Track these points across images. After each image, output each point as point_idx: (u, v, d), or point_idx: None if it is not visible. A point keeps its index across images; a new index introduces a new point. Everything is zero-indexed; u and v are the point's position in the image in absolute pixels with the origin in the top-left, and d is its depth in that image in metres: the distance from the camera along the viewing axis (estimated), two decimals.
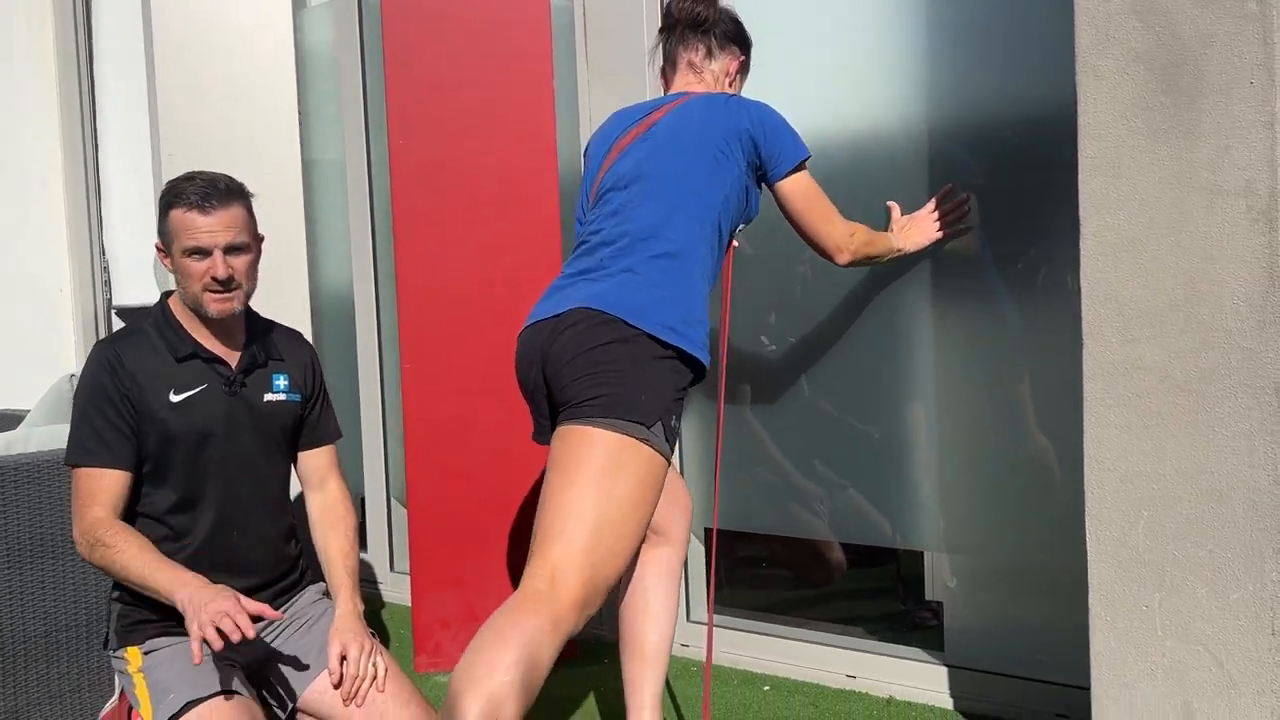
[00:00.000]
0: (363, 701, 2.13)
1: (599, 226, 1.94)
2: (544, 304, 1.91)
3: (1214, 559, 1.74)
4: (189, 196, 2.03)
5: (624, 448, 1.68)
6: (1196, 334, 1.74)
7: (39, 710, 2.47)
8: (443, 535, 2.84)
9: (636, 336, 1.76)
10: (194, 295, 2.08)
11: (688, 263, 1.86)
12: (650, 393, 1.73)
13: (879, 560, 2.87)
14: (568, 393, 1.76)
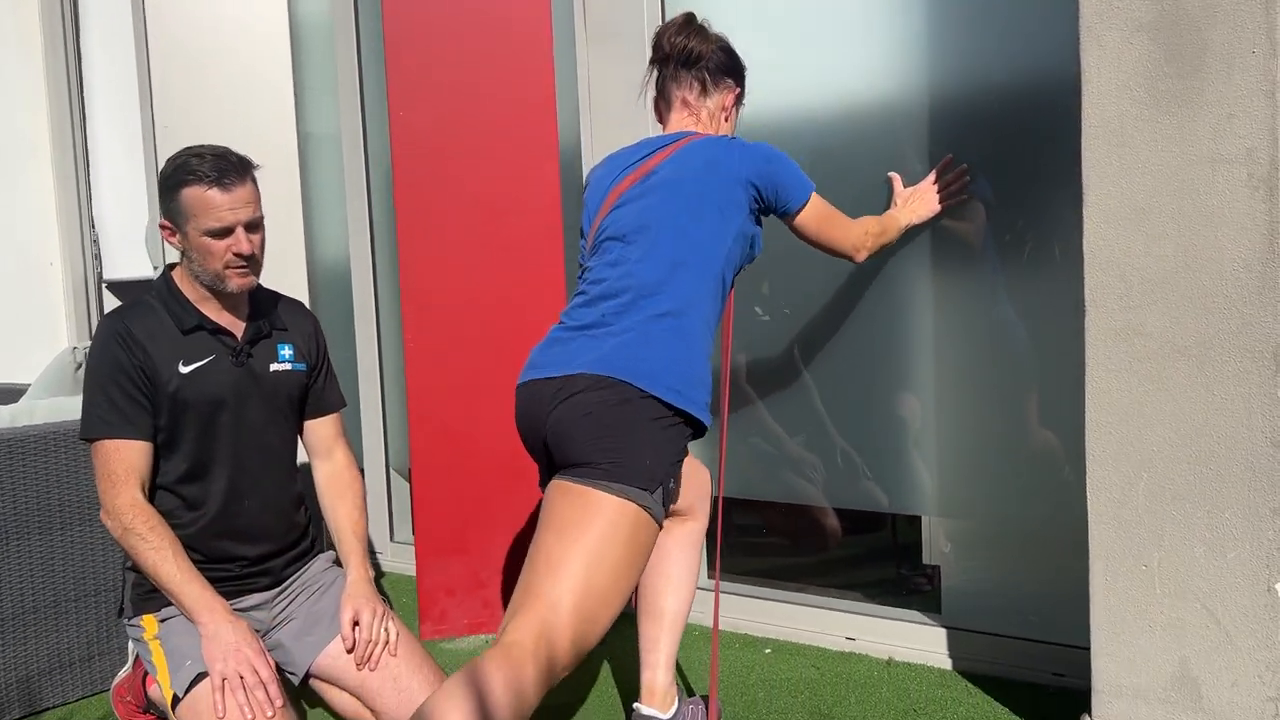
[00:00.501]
0: (375, 665, 2.16)
1: (600, 276, 1.91)
2: (545, 355, 1.89)
3: (1212, 519, 1.79)
4: (205, 174, 2.01)
5: (623, 513, 1.69)
6: (1197, 300, 1.78)
7: (50, 679, 2.49)
8: (446, 504, 2.86)
9: (642, 399, 1.76)
10: (215, 273, 2.07)
11: (690, 320, 1.84)
12: (653, 458, 1.74)
13: (876, 526, 2.92)
14: (572, 455, 1.75)
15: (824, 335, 2.64)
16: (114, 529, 2.04)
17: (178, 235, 2.08)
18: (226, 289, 2.09)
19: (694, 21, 2.07)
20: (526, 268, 2.84)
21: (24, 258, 4.57)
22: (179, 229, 2.06)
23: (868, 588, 2.76)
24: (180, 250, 2.10)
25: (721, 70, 2.08)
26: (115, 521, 2.04)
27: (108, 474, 2.04)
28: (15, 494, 2.42)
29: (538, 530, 1.73)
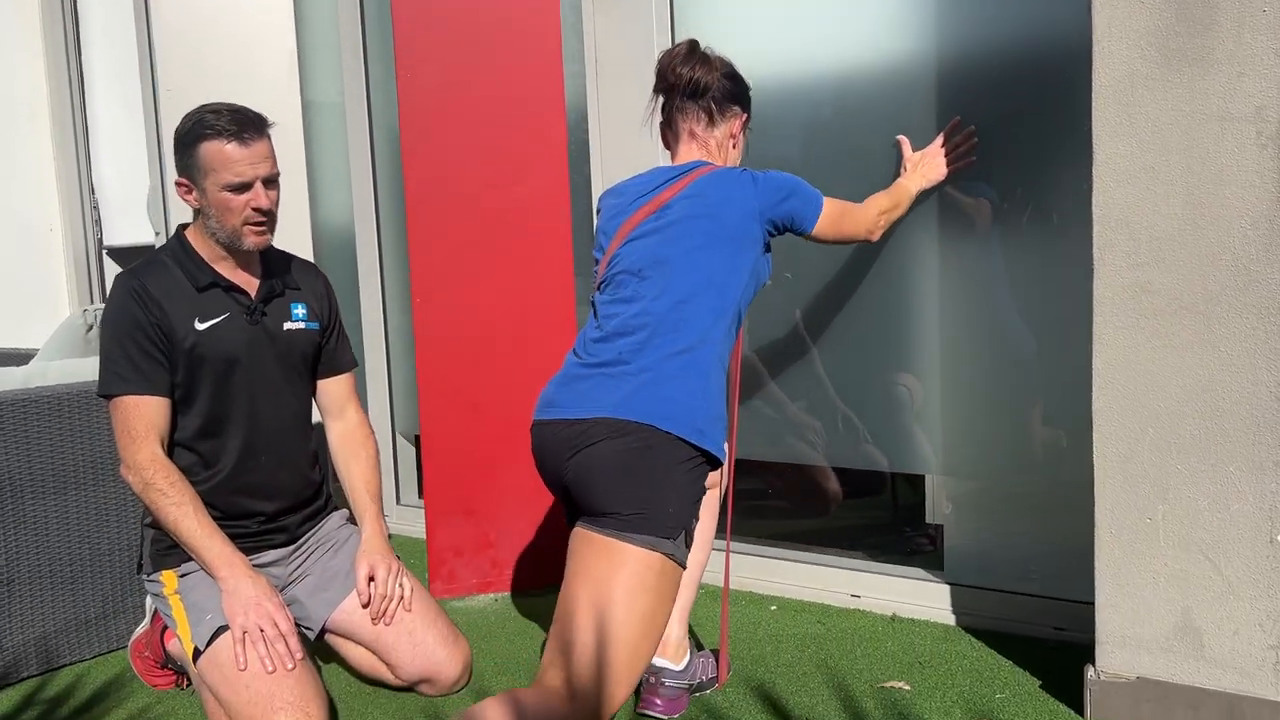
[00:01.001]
0: (391, 620, 2.20)
1: (614, 311, 1.92)
2: (561, 393, 1.89)
3: (1216, 472, 1.83)
4: (224, 129, 2.02)
5: (648, 564, 1.72)
6: (1204, 257, 1.81)
7: (68, 637, 2.52)
8: (455, 466, 2.89)
9: (666, 443, 1.77)
10: (232, 229, 2.08)
11: (705, 355, 1.86)
12: (675, 504, 1.76)
13: (879, 489, 2.95)
14: (596, 503, 1.77)
15: (828, 298, 2.66)
16: (135, 484, 2.07)
17: (195, 192, 2.08)
18: (243, 246, 2.11)
19: (697, 50, 2.07)
20: (534, 229, 2.85)
21: (24, 224, 4.56)
22: (196, 185, 2.07)
23: (871, 547, 2.80)
24: (196, 209, 2.11)
25: (728, 98, 2.09)
26: (136, 476, 2.06)
27: (127, 430, 2.06)
28: (30, 454, 2.44)
29: (566, 579, 1.75)
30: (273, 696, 1.94)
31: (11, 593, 2.42)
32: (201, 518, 2.06)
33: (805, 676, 2.25)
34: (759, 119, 2.33)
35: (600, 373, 1.85)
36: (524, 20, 2.81)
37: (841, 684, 2.20)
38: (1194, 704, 1.87)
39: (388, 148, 3.52)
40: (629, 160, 2.84)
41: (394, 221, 3.54)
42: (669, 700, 2.09)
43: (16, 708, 2.32)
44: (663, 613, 1.73)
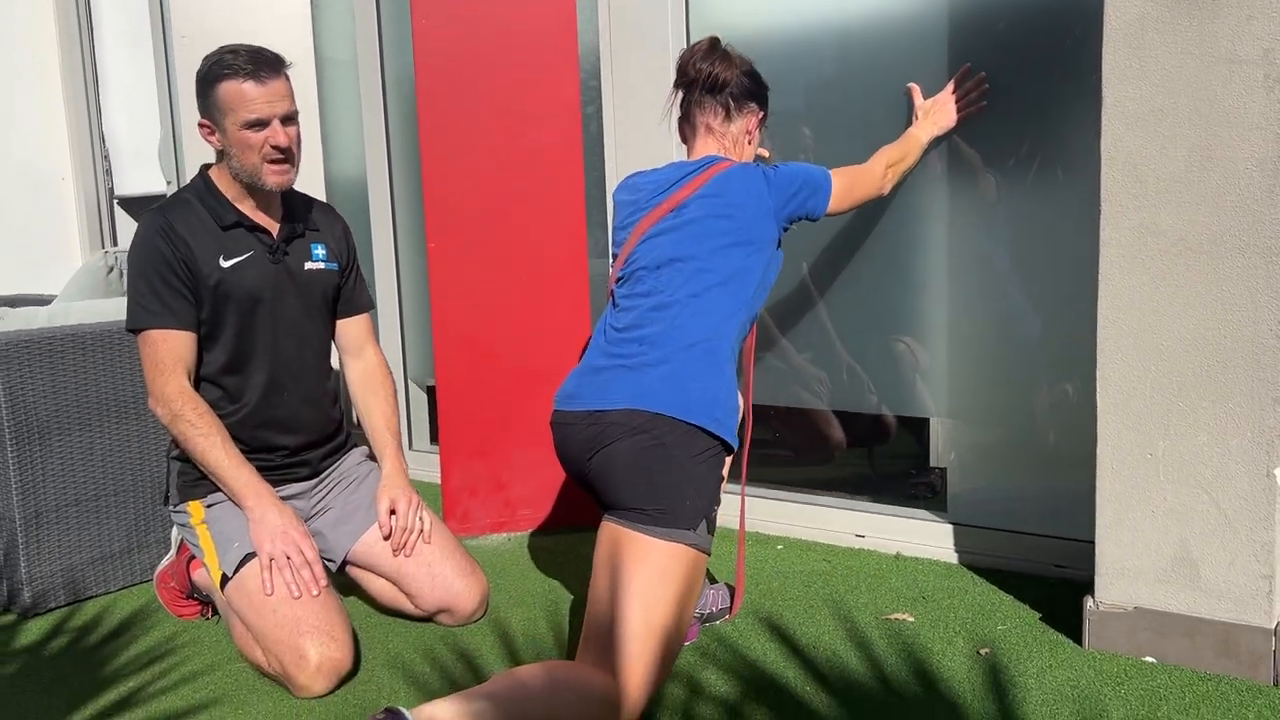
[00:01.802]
0: (411, 552, 2.26)
1: (633, 305, 1.96)
2: (581, 384, 1.93)
3: (1216, 408, 1.88)
4: (240, 69, 2.06)
5: (674, 555, 1.77)
6: (1210, 198, 1.85)
7: (94, 569, 2.59)
8: (469, 409, 2.95)
9: (684, 435, 1.82)
10: (253, 167, 2.12)
11: (721, 349, 1.90)
12: (694, 496, 1.80)
13: (883, 437, 3.00)
14: (620, 497, 1.81)
15: (835, 248, 2.70)
16: (164, 416, 2.12)
17: (216, 133, 2.12)
18: (264, 185, 2.15)
19: (719, 46, 2.09)
20: (546, 177, 2.89)
21: (36, 174, 4.59)
22: (217, 126, 2.11)
23: (876, 492, 2.86)
24: (219, 149, 2.15)
25: (746, 95, 2.11)
26: (165, 409, 2.12)
27: (155, 363, 2.11)
28: (56, 391, 2.49)
29: (595, 569, 1.81)
30: (299, 621, 2.01)
31: (39, 525, 2.48)
32: (229, 448, 2.11)
33: (811, 609, 2.32)
34: (772, 74, 2.35)
35: (620, 364, 1.90)
36: None
37: (847, 616, 2.27)
38: (1189, 632, 1.94)
39: (400, 95, 3.54)
40: (640, 105, 2.86)
41: (406, 170, 3.57)
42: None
43: (46, 635, 2.39)
44: (691, 598, 1.80)
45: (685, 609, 1.78)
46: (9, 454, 2.43)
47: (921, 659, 2.04)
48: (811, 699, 1.91)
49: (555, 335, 2.94)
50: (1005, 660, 2.02)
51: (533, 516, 3.01)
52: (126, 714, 1.98)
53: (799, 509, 2.85)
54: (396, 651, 2.20)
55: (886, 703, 1.88)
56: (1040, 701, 1.85)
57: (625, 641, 1.70)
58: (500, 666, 2.09)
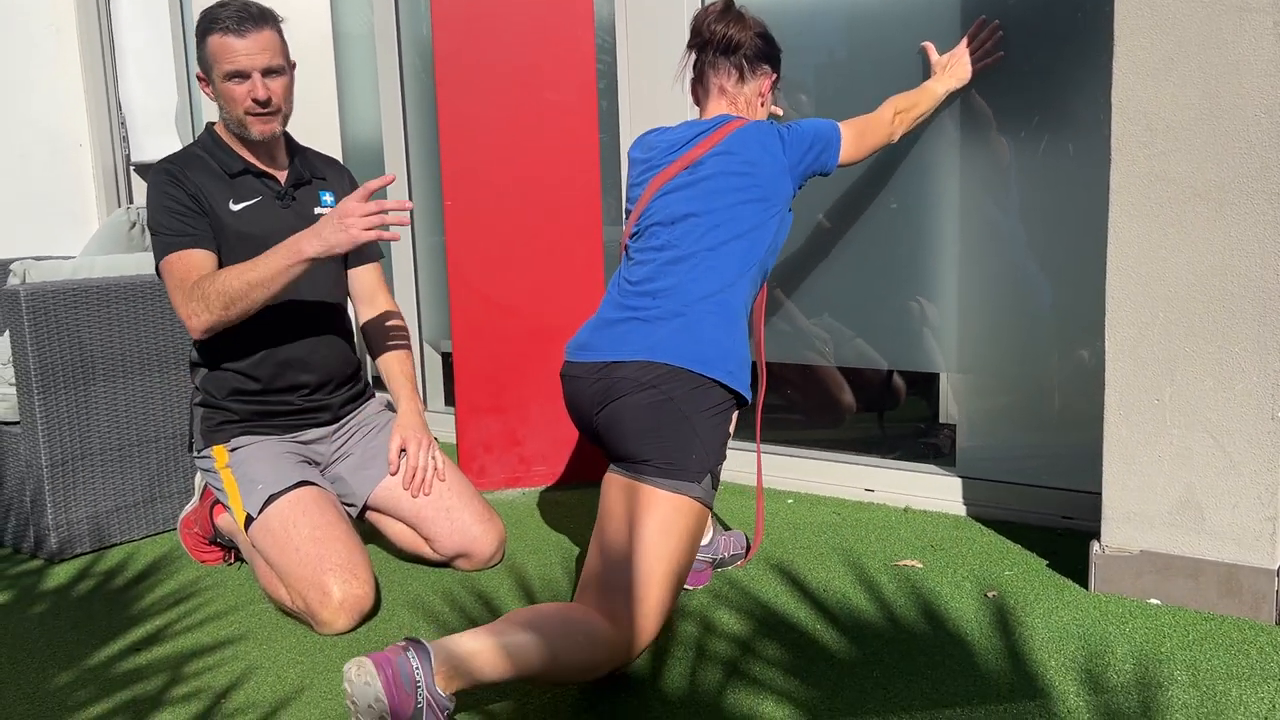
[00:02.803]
0: (428, 491, 2.31)
1: (647, 259, 1.98)
2: (593, 337, 1.94)
3: (1222, 353, 1.92)
4: (225, 22, 2.12)
5: (677, 506, 1.79)
6: (1219, 145, 1.88)
7: (118, 517, 2.64)
8: (484, 364, 2.99)
9: (697, 388, 1.83)
10: (238, 118, 2.19)
11: (734, 303, 1.92)
12: (700, 450, 1.83)
13: (893, 400, 3.04)
14: (627, 450, 1.84)
15: (845, 201, 2.73)
16: (198, 310, 2.11)
17: (209, 85, 2.19)
18: (250, 135, 2.20)
19: (733, 8, 2.11)
20: (561, 135, 2.92)
21: (55, 141, 4.63)
22: (208, 77, 2.19)
23: (886, 447, 2.90)
24: (215, 100, 2.21)
25: (759, 57, 2.13)
26: (186, 302, 2.12)
27: (178, 284, 2.15)
28: (81, 342, 2.54)
29: (599, 521, 1.84)
30: (322, 559, 2.06)
31: (65, 472, 2.54)
32: (248, 262, 2.11)
33: (822, 557, 2.37)
34: (784, 38, 2.37)
35: (633, 316, 1.92)
36: None
37: (857, 563, 2.31)
38: (1193, 573, 1.98)
39: (415, 67, 3.57)
40: (654, 65, 2.89)
41: (421, 139, 3.61)
42: (694, 573, 2.21)
43: (73, 579, 2.45)
44: (691, 549, 1.83)
45: (685, 561, 1.81)
46: (35, 401, 2.48)
47: (930, 601, 2.09)
48: (822, 635, 1.96)
49: (570, 291, 2.98)
50: (1012, 602, 2.06)
51: (547, 473, 3.06)
52: (155, 648, 2.04)
53: (809, 464, 2.89)
54: (416, 593, 2.25)
55: (895, 639, 1.93)
56: (1046, 639, 1.89)
57: (627, 590, 1.74)
58: (518, 608, 2.14)
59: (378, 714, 1.51)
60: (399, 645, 1.57)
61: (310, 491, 2.16)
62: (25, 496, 2.60)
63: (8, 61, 4.43)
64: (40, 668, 1.98)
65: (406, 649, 1.55)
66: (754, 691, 1.76)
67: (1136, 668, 1.77)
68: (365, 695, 1.52)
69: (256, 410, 2.27)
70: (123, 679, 1.91)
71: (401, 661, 1.53)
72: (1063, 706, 1.65)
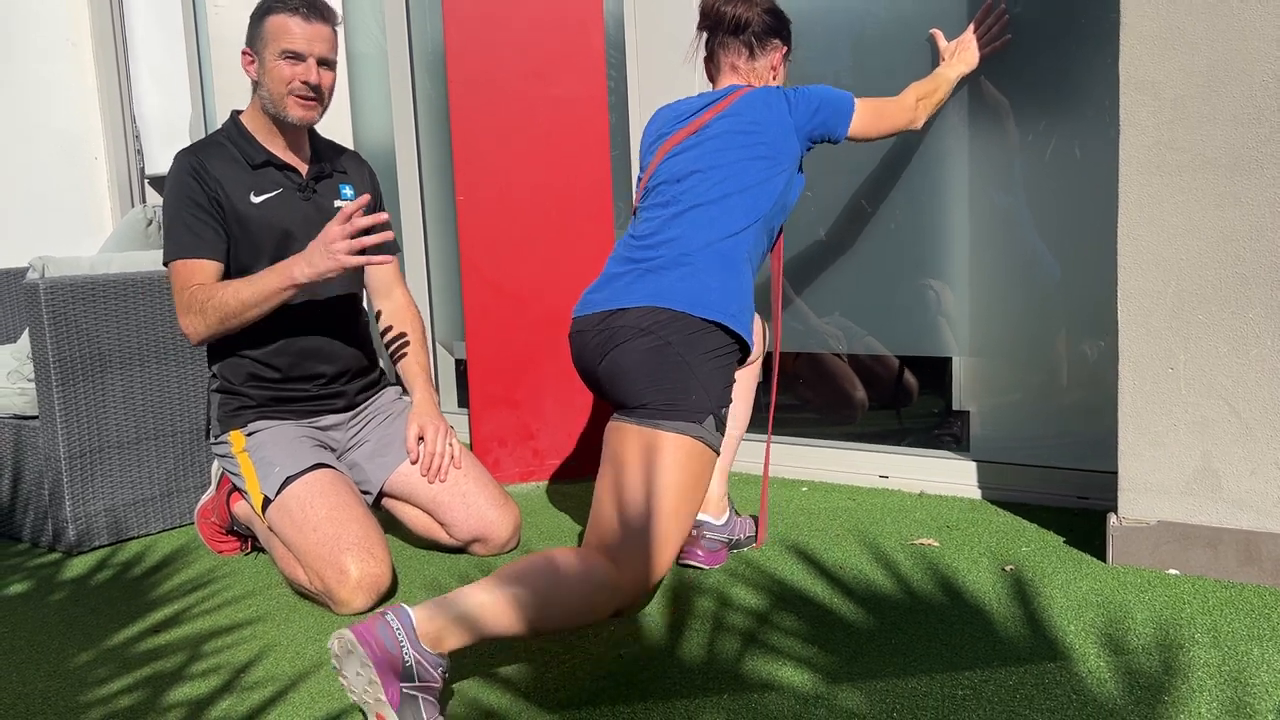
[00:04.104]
0: (444, 478, 2.32)
1: (652, 215, 1.99)
2: (600, 294, 1.94)
3: (1236, 319, 1.92)
4: (292, 4, 2.18)
5: (679, 445, 1.78)
6: (1227, 112, 1.89)
7: (135, 510, 2.66)
8: (497, 358, 3.00)
9: (698, 333, 1.83)
10: (278, 97, 2.21)
11: (737, 253, 1.93)
12: (704, 391, 1.83)
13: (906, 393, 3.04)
14: (628, 396, 1.84)
15: (856, 185, 2.74)
16: (194, 322, 2.16)
17: (255, 63, 2.21)
18: (287, 117, 2.22)
19: None
20: (572, 127, 2.94)
21: (71, 153, 4.68)
22: (257, 55, 2.21)
23: (900, 434, 2.90)
24: (254, 81, 2.23)
25: (768, 33, 2.16)
26: (186, 311, 2.17)
27: (181, 289, 2.18)
28: (98, 335, 2.56)
29: (602, 464, 1.84)
30: (339, 538, 2.06)
31: (83, 465, 2.56)
32: (246, 278, 2.15)
33: (838, 538, 2.36)
34: (795, 32, 2.40)
35: (637, 268, 1.94)
36: None
37: (873, 543, 2.31)
38: (1212, 542, 1.97)
39: (427, 56, 3.61)
40: (663, 50, 2.92)
41: (432, 138, 3.64)
42: (709, 552, 2.21)
43: (91, 569, 2.46)
44: (698, 490, 1.82)
45: (693, 499, 1.80)
46: (54, 395, 2.50)
47: (947, 575, 2.08)
48: (839, 608, 1.95)
49: (583, 282, 2.99)
50: (1030, 575, 2.06)
51: (560, 466, 3.06)
52: (173, 630, 2.04)
53: (823, 453, 2.89)
54: (432, 576, 2.25)
55: (913, 609, 1.92)
56: (1065, 607, 1.88)
57: (629, 529, 1.73)
58: None
59: (366, 680, 1.51)
60: (378, 613, 1.55)
61: (327, 473, 2.17)
62: (44, 490, 2.61)
63: (26, 74, 4.49)
64: (60, 648, 1.99)
65: (384, 613, 1.54)
66: (772, 659, 1.75)
67: (1157, 631, 1.76)
68: (351, 664, 1.51)
69: (273, 396, 2.28)
70: (142, 658, 1.92)
71: (381, 627, 1.52)
72: (1083, 667, 1.64)
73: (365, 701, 1.53)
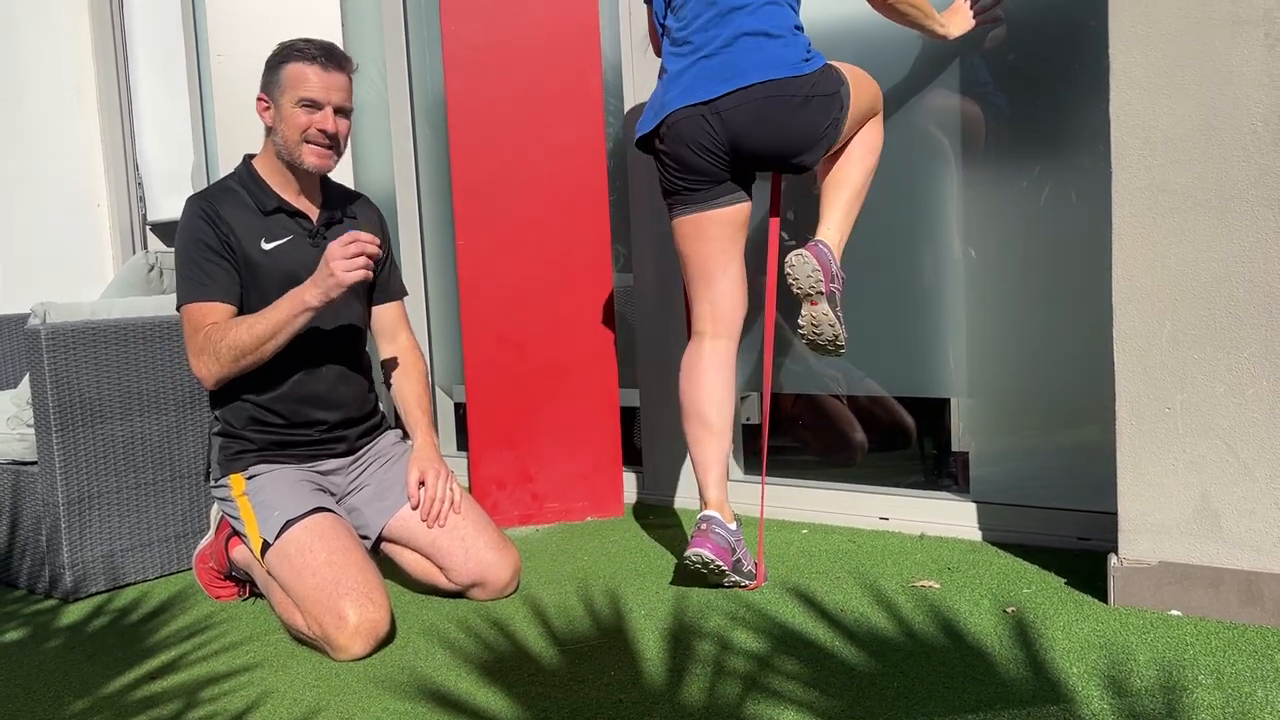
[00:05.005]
0: (444, 522, 2.31)
1: (683, 15, 2.25)
2: (685, 90, 2.23)
3: (1231, 359, 1.93)
4: (311, 53, 2.20)
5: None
6: (1217, 154, 1.91)
7: (132, 556, 2.65)
8: (497, 402, 3.01)
9: (809, 86, 2.19)
10: (294, 145, 2.23)
11: (780, 0, 2.22)
12: (835, 119, 2.24)
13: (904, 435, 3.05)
14: (792, 148, 2.23)
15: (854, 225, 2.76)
16: (208, 363, 2.18)
17: (271, 109, 2.23)
18: (302, 164, 2.24)
19: None
20: (571, 174, 2.97)
21: (73, 200, 4.72)
22: (274, 102, 2.23)
23: (899, 475, 2.90)
24: (269, 127, 2.26)
25: None
26: (198, 353, 2.18)
27: (193, 332, 2.19)
28: (98, 381, 2.57)
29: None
30: (338, 583, 2.06)
31: (82, 510, 2.55)
32: (256, 313, 2.18)
33: (838, 580, 2.35)
34: None
35: (726, 50, 2.20)
36: None
37: (873, 585, 2.30)
38: (1213, 583, 1.97)
39: (427, 99, 3.65)
40: None
41: (432, 184, 3.68)
42: (718, 547, 2.22)
43: (88, 615, 2.45)
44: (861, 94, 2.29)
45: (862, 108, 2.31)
46: (54, 440, 2.50)
47: (948, 617, 2.07)
48: (841, 651, 1.94)
49: (581, 328, 3.00)
50: (1032, 617, 2.05)
51: (560, 509, 3.05)
52: (170, 677, 2.03)
53: (822, 495, 2.89)
54: (432, 622, 2.24)
55: (915, 652, 1.91)
56: (1067, 649, 1.87)
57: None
58: (534, 637, 2.13)
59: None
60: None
61: (326, 518, 2.17)
62: (41, 536, 2.60)
63: (30, 122, 4.54)
64: (55, 696, 1.97)
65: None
66: (774, 703, 1.74)
67: (1160, 673, 1.75)
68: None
69: (275, 440, 2.29)
70: (138, 705, 1.90)
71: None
72: (1087, 710, 1.63)
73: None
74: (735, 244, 2.33)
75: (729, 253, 2.33)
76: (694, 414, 2.34)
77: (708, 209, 2.29)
